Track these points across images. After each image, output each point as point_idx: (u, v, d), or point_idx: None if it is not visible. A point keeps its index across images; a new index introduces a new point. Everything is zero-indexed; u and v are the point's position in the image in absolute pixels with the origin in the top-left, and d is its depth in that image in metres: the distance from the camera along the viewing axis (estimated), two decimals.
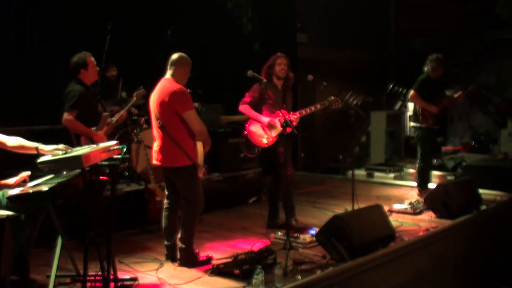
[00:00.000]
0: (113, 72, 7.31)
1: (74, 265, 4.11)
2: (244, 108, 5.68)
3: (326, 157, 12.18)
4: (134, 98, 5.33)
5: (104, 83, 6.76)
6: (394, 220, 5.73)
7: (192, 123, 4.48)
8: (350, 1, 12.59)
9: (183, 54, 4.68)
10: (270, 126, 5.58)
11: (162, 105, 4.49)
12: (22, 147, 3.84)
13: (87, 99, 5.09)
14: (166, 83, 4.57)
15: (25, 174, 3.75)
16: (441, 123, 7.24)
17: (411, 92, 7.03)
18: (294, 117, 5.63)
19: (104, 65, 6.27)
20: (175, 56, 4.65)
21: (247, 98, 5.68)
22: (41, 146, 3.78)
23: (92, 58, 5.16)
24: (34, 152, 3.78)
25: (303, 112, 5.71)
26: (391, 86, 13.50)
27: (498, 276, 6.19)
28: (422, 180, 7.20)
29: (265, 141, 5.61)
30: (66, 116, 4.98)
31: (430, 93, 6.94)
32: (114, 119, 5.31)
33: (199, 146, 4.65)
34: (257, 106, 5.67)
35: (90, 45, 5.57)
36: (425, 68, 7.02)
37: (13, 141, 3.86)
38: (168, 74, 4.62)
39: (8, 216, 3.50)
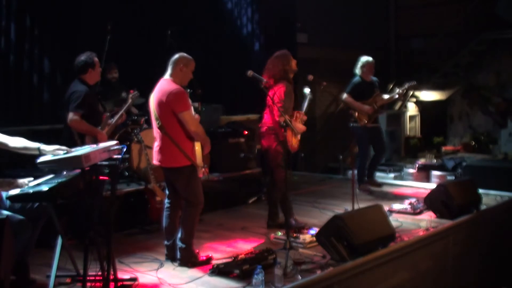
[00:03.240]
0: (114, 74, 7.29)
1: (74, 265, 4.11)
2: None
3: (326, 157, 12.18)
4: (130, 100, 5.60)
5: (104, 84, 6.77)
6: (394, 220, 5.74)
7: (187, 123, 4.47)
8: (350, 1, 12.59)
9: (183, 54, 4.67)
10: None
11: (160, 105, 4.49)
12: (25, 148, 3.87)
13: (91, 99, 5.10)
14: (164, 84, 4.57)
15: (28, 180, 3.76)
16: (377, 120, 7.57)
17: (344, 95, 7.39)
18: (304, 118, 5.65)
19: (104, 66, 6.27)
20: (174, 56, 4.65)
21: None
22: (43, 147, 3.82)
23: (97, 58, 5.21)
24: (37, 152, 3.80)
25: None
26: (391, 86, 13.49)
27: (497, 276, 6.19)
28: (360, 176, 7.46)
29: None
30: (71, 116, 4.97)
31: (363, 94, 7.34)
32: (114, 119, 5.36)
33: (198, 146, 4.65)
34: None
35: (90, 45, 5.58)
36: (357, 71, 7.41)
37: (15, 142, 3.87)
38: (167, 74, 4.63)
39: (9, 218, 3.49)
